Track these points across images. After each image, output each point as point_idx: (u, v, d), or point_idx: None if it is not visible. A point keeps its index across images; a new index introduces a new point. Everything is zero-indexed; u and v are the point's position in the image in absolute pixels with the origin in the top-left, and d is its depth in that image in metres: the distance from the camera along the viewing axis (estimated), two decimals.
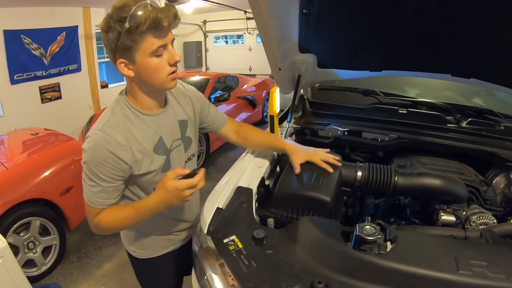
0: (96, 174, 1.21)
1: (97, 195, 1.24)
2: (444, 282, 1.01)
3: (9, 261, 2.15)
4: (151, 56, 1.16)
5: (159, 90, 1.30)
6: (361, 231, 1.17)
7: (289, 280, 1.02)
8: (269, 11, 1.55)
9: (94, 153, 1.20)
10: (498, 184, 1.87)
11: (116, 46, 1.13)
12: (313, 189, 1.44)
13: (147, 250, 1.61)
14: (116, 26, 1.10)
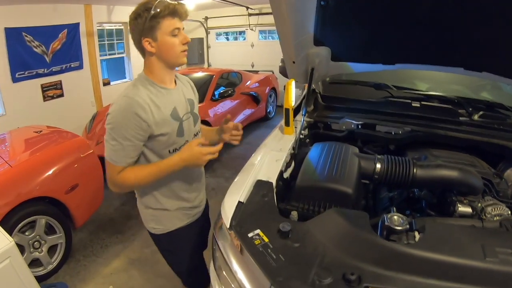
0: (120, 133, 1.44)
1: (119, 153, 1.46)
2: (473, 269, 1.02)
3: (17, 261, 2.13)
4: (169, 35, 1.49)
5: (173, 64, 1.60)
6: (389, 221, 1.16)
7: (320, 273, 1.01)
8: (288, 4, 1.57)
9: (119, 114, 1.44)
10: (509, 176, 1.88)
11: (144, 28, 1.45)
12: (335, 181, 1.44)
13: (165, 224, 1.78)
14: (144, 13, 1.44)
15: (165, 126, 1.55)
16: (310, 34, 1.90)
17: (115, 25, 7.88)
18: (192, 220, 1.85)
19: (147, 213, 1.79)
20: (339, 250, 1.10)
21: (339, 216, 1.21)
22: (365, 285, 0.98)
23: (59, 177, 3.15)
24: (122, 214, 4.23)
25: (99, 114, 5.56)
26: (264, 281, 1.04)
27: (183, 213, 1.79)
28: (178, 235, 1.81)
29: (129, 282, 3.09)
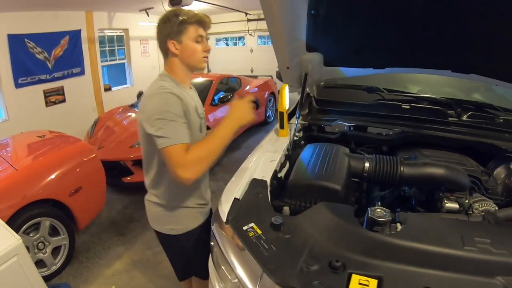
0: (172, 115, 1.49)
1: (178, 131, 1.48)
2: (451, 257, 1.10)
3: (24, 259, 2.17)
4: (193, 41, 1.63)
5: (194, 68, 1.73)
6: (372, 213, 1.25)
7: (308, 261, 1.10)
8: (280, 13, 1.66)
9: (165, 100, 1.52)
10: (498, 174, 1.93)
11: (171, 31, 1.60)
12: (325, 179, 1.53)
13: (184, 223, 1.82)
14: (174, 18, 1.59)
15: (192, 119, 1.65)
16: (302, 41, 1.97)
17: (116, 31, 7.98)
18: (205, 218, 1.89)
19: (165, 215, 1.80)
20: (326, 240, 1.19)
21: (327, 210, 1.30)
22: (349, 272, 1.06)
23: (63, 180, 3.22)
24: (124, 217, 4.30)
25: (101, 120, 5.63)
26: (257, 269, 1.13)
27: (200, 211, 1.85)
28: (197, 233, 1.85)
29: (131, 282, 3.14)
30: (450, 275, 1.05)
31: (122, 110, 5.91)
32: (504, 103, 2.35)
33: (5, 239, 2.13)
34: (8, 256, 2.06)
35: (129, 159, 4.50)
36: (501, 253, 1.11)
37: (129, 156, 4.51)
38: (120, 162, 4.52)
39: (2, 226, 2.28)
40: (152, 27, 6.34)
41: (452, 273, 1.06)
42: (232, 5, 7.67)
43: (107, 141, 4.86)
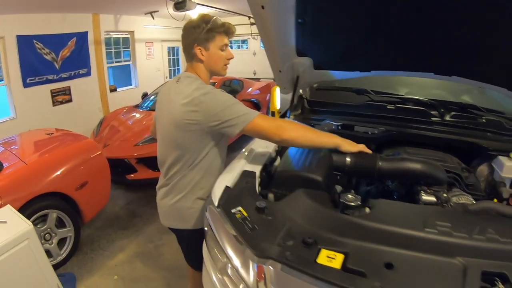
0: (231, 98, 1.67)
1: (248, 109, 1.67)
2: (411, 238, 1.23)
3: (34, 243, 2.35)
4: (219, 49, 1.75)
5: (215, 74, 1.85)
6: (344, 198, 1.40)
7: (285, 238, 1.25)
8: (269, 21, 1.82)
9: (219, 92, 1.67)
10: (482, 172, 2.04)
11: (199, 37, 1.70)
12: (308, 170, 1.68)
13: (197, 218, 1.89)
14: (203, 25, 1.69)
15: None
16: (292, 46, 2.12)
17: (121, 33, 8.13)
18: None
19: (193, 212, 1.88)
20: (302, 221, 1.34)
21: (304, 195, 1.46)
22: (319, 247, 1.20)
23: (70, 175, 3.37)
24: (128, 212, 4.46)
25: (106, 119, 5.80)
26: (241, 244, 1.29)
27: None
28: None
29: (133, 273, 3.30)
30: (411, 253, 1.18)
31: (126, 110, 6.07)
32: (494, 105, 2.44)
33: (17, 224, 2.31)
34: (20, 240, 2.24)
35: (133, 157, 4.66)
36: (461, 236, 1.23)
37: (133, 154, 4.67)
38: (125, 160, 4.67)
39: (14, 213, 2.45)
40: (157, 29, 6.57)
41: (413, 251, 1.18)
42: (235, 8, 7.78)
43: (112, 139, 5.02)
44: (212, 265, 1.58)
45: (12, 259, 2.19)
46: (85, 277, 3.23)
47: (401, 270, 1.12)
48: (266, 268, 1.17)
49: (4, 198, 2.72)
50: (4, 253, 2.14)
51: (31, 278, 2.36)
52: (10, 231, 2.23)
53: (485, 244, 1.21)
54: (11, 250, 2.19)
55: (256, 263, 1.21)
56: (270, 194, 1.65)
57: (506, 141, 2.09)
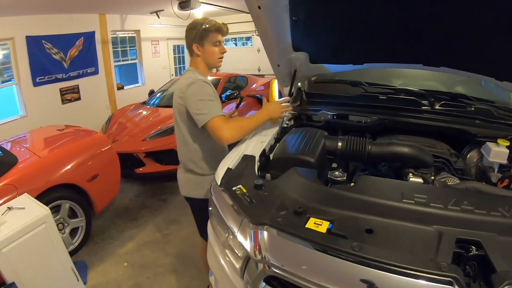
0: (208, 95, 2.00)
1: (216, 107, 1.98)
2: (390, 207, 1.37)
3: (51, 226, 2.53)
4: (212, 45, 2.10)
5: (212, 66, 2.22)
6: (331, 174, 1.56)
7: (278, 209, 1.41)
8: (266, 20, 1.96)
9: (201, 86, 2.01)
10: (472, 158, 2.12)
11: (195, 36, 2.08)
12: (301, 153, 1.83)
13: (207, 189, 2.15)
14: (198, 26, 2.07)
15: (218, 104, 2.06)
16: (288, 42, 2.25)
17: (128, 32, 8.28)
18: None
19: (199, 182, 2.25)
20: (294, 194, 1.50)
21: (296, 173, 1.63)
22: (308, 216, 1.36)
23: (82, 167, 3.53)
24: (136, 204, 4.63)
25: (114, 116, 5.96)
26: (239, 215, 1.46)
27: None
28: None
29: (142, 259, 3.46)
30: (390, 221, 1.31)
31: (134, 107, 6.24)
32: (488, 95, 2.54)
33: (35, 210, 2.49)
34: (38, 223, 2.41)
35: (142, 151, 4.82)
36: (436, 207, 1.35)
37: (141, 149, 4.83)
38: (133, 154, 4.84)
39: (31, 199, 2.62)
40: (162, 28, 6.72)
41: (392, 219, 1.32)
42: (239, 6, 7.90)
43: (121, 135, 5.18)
44: (216, 241, 1.74)
45: (30, 241, 2.36)
46: (96, 265, 3.38)
47: (380, 235, 1.25)
48: (261, 233, 1.33)
49: (19, 189, 2.86)
50: (23, 235, 2.31)
51: (48, 260, 2.52)
52: (29, 216, 2.40)
53: (460, 214, 1.32)
54: (30, 233, 2.36)
55: (252, 230, 1.37)
56: (268, 174, 1.81)
57: (495, 128, 2.16)
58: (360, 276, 1.11)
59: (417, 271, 1.06)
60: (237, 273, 1.50)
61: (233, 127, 1.98)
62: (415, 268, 1.07)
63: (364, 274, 1.11)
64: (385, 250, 1.15)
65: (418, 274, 1.06)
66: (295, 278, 1.22)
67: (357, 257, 1.13)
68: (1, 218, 2.33)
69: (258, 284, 1.35)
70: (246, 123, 2.07)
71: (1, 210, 2.43)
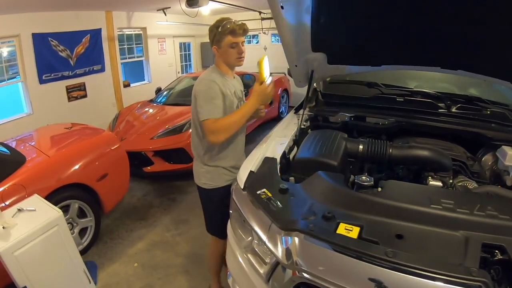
0: (210, 96, 2.05)
1: (212, 109, 2.04)
2: (419, 213, 1.38)
3: (63, 229, 2.49)
4: (228, 47, 2.13)
5: (231, 66, 2.25)
6: (358, 179, 1.55)
7: (306, 214, 1.41)
8: (288, 19, 1.97)
9: (206, 85, 2.09)
10: (487, 161, 2.14)
11: (214, 39, 2.15)
12: (324, 156, 1.83)
13: (215, 181, 2.31)
14: (214, 29, 2.13)
15: (229, 101, 2.16)
16: (308, 43, 2.25)
17: (134, 30, 8.24)
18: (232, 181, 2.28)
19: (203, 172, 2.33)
20: (321, 199, 1.50)
21: (323, 177, 1.61)
22: (337, 221, 1.36)
23: (91, 166, 3.49)
24: (145, 203, 4.61)
25: (121, 114, 5.94)
26: (267, 220, 1.44)
27: (230, 174, 2.30)
28: (223, 191, 2.30)
29: (152, 260, 3.43)
30: (418, 226, 1.33)
31: (141, 105, 6.22)
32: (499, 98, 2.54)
33: (47, 211, 2.44)
34: (50, 226, 2.37)
35: (150, 150, 4.81)
36: (463, 212, 1.37)
37: (149, 147, 4.82)
38: (141, 153, 4.82)
39: (42, 201, 2.58)
40: (169, 26, 6.67)
41: (420, 225, 1.33)
42: (246, 4, 7.84)
43: (128, 133, 5.17)
44: (238, 244, 1.73)
45: (42, 244, 2.32)
46: (106, 265, 3.35)
47: (410, 240, 1.27)
48: (291, 239, 1.32)
49: (28, 189, 2.82)
50: (35, 238, 2.27)
51: (60, 263, 2.48)
52: (40, 218, 2.36)
53: (485, 219, 1.34)
54: (42, 235, 2.31)
55: (283, 236, 1.36)
56: (291, 177, 1.80)
57: (510, 131, 2.18)
58: (393, 282, 1.12)
59: (449, 276, 1.09)
60: (261, 278, 1.50)
61: (220, 130, 2.05)
62: (447, 274, 1.10)
63: (398, 280, 1.12)
64: (417, 256, 1.17)
65: (449, 280, 1.09)
66: (327, 284, 1.22)
67: (391, 263, 1.14)
68: (12, 221, 2.28)
69: None
70: (235, 120, 2.09)
71: (12, 212, 2.39)
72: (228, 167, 2.30)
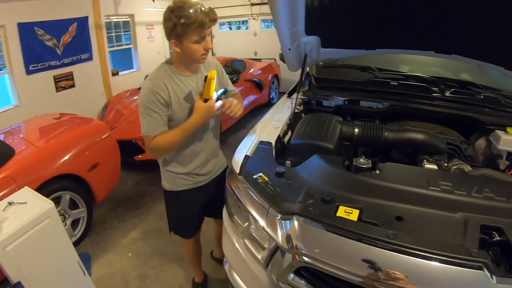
0: (148, 108, 1.78)
1: (151, 124, 1.81)
2: (417, 195, 1.38)
3: (55, 221, 2.41)
4: (193, 43, 1.71)
5: (194, 63, 1.90)
6: (357, 162, 1.54)
7: (305, 197, 1.39)
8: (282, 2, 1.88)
9: (145, 94, 1.79)
10: (480, 145, 2.17)
11: (171, 31, 1.69)
12: (320, 139, 1.82)
13: (171, 184, 2.19)
14: (174, 19, 1.63)
15: (178, 109, 1.87)
16: (302, 26, 2.21)
17: (122, 17, 8.09)
18: (194, 187, 2.19)
19: (163, 173, 2.21)
20: (319, 182, 1.49)
21: (320, 160, 1.60)
22: (337, 204, 1.35)
23: (82, 156, 3.43)
24: (137, 192, 4.58)
25: (111, 103, 5.87)
26: (265, 205, 1.43)
27: (189, 180, 2.15)
28: (181, 195, 2.20)
29: (146, 249, 3.42)
30: (417, 208, 1.33)
31: (129, 93, 6.14)
32: (492, 83, 2.58)
33: (38, 204, 2.37)
34: (42, 218, 2.30)
35: (141, 138, 4.72)
36: (461, 194, 1.38)
37: (140, 136, 4.74)
38: (132, 141, 4.77)
39: (33, 193, 2.50)
40: (158, 12, 6.56)
41: (419, 207, 1.33)
42: None
43: (118, 122, 5.11)
44: (234, 230, 1.71)
45: (34, 238, 2.26)
46: (100, 256, 3.33)
47: (410, 222, 1.27)
48: (290, 223, 1.31)
49: (18, 182, 2.77)
50: (27, 231, 2.21)
51: (53, 256, 2.43)
52: (32, 210, 2.30)
53: (483, 201, 1.36)
54: (34, 228, 2.25)
55: (282, 220, 1.34)
56: (287, 161, 1.78)
57: (503, 116, 2.22)
58: (396, 263, 1.13)
59: (450, 257, 1.11)
60: (259, 263, 1.49)
61: (158, 150, 1.91)
62: (448, 254, 1.11)
63: (399, 261, 1.13)
64: (418, 238, 1.17)
65: (451, 260, 1.10)
66: (328, 267, 1.21)
67: (392, 245, 1.14)
68: (2, 215, 2.21)
69: (287, 275, 1.33)
70: (173, 140, 1.86)
71: (2, 206, 2.31)
72: (184, 172, 2.13)
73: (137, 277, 3.04)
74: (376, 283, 1.13)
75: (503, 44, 1.94)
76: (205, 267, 2.95)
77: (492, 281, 1.05)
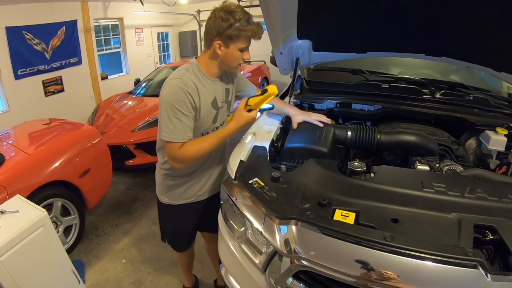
0: (177, 110, 1.64)
1: (179, 129, 1.66)
2: (412, 196, 1.41)
3: (49, 229, 2.41)
4: (238, 50, 1.69)
5: (226, 69, 1.86)
6: (351, 165, 1.56)
7: (302, 201, 1.41)
8: (274, 5, 1.88)
9: (175, 93, 1.65)
10: (470, 145, 2.21)
11: (223, 32, 1.63)
12: (314, 143, 1.83)
13: (171, 198, 2.10)
14: (232, 20, 1.60)
15: (205, 113, 1.78)
16: (294, 29, 2.22)
17: (110, 20, 8.09)
18: (193, 201, 2.11)
19: (162, 187, 2.12)
20: (315, 186, 1.50)
21: (316, 164, 1.63)
22: (333, 207, 1.37)
23: (73, 163, 3.39)
24: (129, 197, 4.56)
25: (100, 108, 5.81)
26: (262, 210, 1.43)
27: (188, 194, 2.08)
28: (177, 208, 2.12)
29: (140, 255, 3.41)
30: (413, 210, 1.35)
31: (119, 98, 6.11)
32: (480, 84, 2.64)
33: (30, 212, 2.35)
34: (35, 227, 2.28)
35: (131, 143, 4.73)
36: (454, 195, 1.41)
37: (130, 140, 4.74)
38: (123, 146, 4.74)
39: (25, 201, 2.48)
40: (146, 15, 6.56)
41: (414, 208, 1.36)
42: None
43: (109, 127, 5.06)
44: (230, 234, 1.72)
45: (28, 247, 2.24)
46: (93, 263, 3.31)
47: (406, 224, 1.29)
48: (287, 228, 1.32)
49: (9, 189, 2.73)
50: (20, 241, 2.19)
51: (47, 264, 2.42)
52: (25, 219, 2.27)
53: (476, 201, 1.39)
54: (27, 238, 2.23)
55: (280, 225, 1.36)
56: (283, 166, 1.80)
57: (492, 116, 2.25)
58: (393, 265, 1.15)
59: (446, 257, 1.13)
60: (257, 268, 1.50)
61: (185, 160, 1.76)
62: (444, 255, 1.13)
63: (397, 263, 1.15)
64: (414, 239, 1.20)
65: (447, 260, 1.12)
66: (326, 270, 1.23)
67: (390, 247, 1.16)
68: None
69: (286, 279, 1.34)
70: (205, 146, 1.75)
71: None
72: (186, 188, 2.06)
73: (132, 283, 3.03)
74: (376, 285, 1.15)
75: (491, 46, 1.98)
76: (197, 271, 2.96)
77: (487, 279, 1.08)
